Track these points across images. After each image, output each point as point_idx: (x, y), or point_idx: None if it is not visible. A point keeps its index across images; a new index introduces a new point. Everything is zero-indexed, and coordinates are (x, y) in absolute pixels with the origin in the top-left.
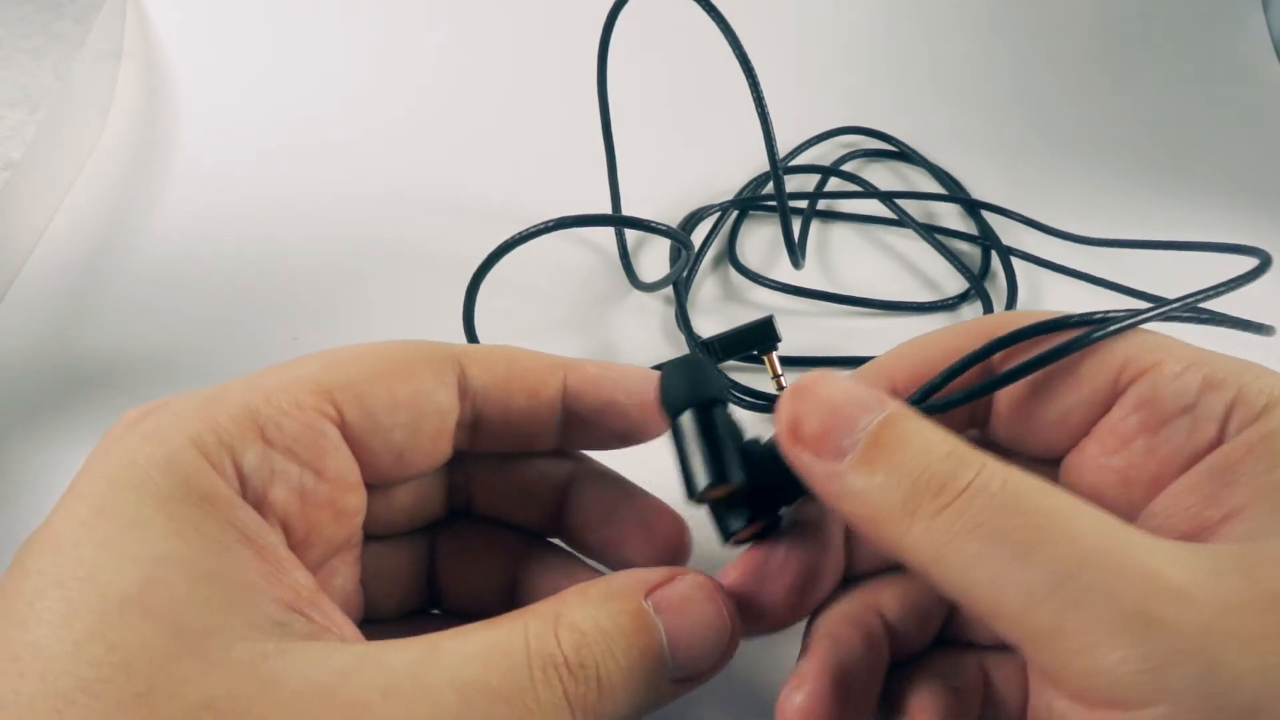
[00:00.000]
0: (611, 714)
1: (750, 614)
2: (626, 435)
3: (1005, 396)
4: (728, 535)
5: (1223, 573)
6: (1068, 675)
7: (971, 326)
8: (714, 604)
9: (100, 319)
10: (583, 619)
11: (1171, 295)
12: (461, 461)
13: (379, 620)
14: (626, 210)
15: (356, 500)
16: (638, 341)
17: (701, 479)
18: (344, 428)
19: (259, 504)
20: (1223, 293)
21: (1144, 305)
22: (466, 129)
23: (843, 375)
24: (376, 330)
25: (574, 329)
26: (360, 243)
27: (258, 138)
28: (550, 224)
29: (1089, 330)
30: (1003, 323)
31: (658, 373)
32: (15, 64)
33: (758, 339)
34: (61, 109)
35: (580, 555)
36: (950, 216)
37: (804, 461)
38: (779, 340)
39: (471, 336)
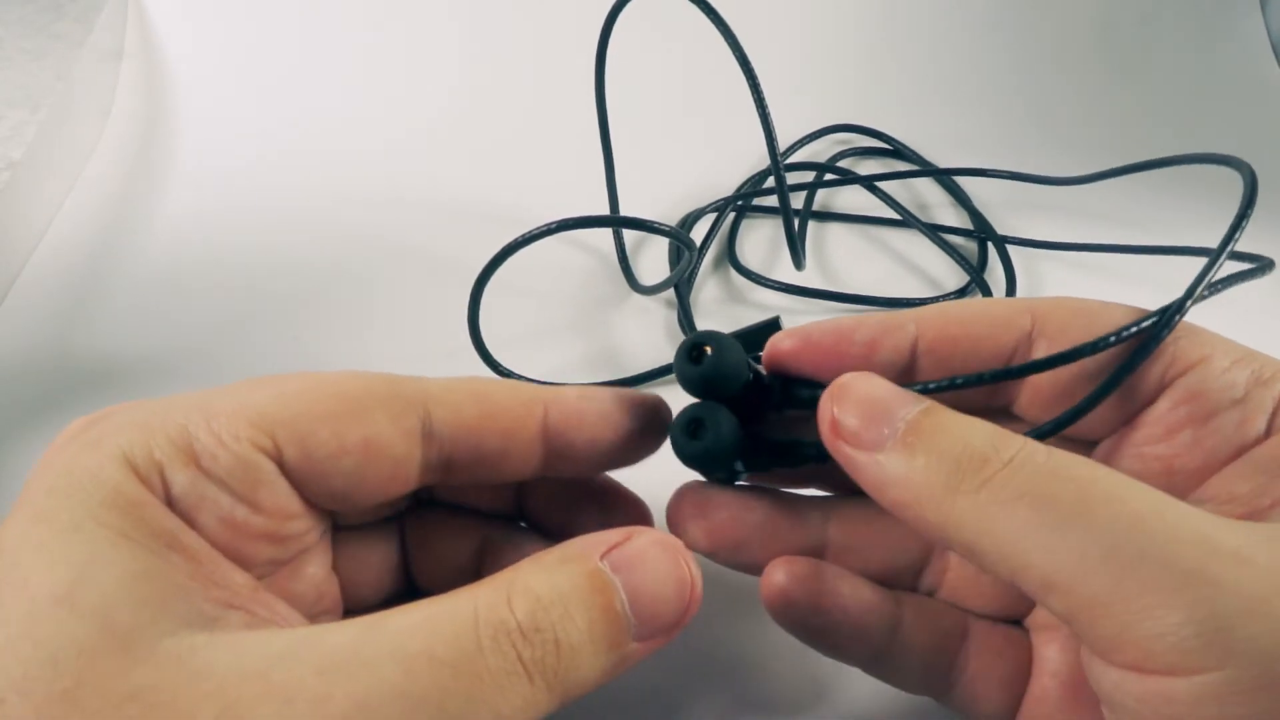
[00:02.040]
0: (577, 678)
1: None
2: (612, 464)
3: (1045, 380)
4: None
5: (1278, 540)
6: (1124, 643)
7: (1017, 302)
8: (671, 558)
9: (101, 320)
10: (537, 584)
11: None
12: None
13: (362, 610)
14: (624, 212)
15: (300, 526)
16: (641, 344)
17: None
18: (282, 465)
19: (187, 524)
20: (1231, 244)
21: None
22: (464, 131)
23: (879, 376)
24: (376, 333)
25: (577, 332)
26: (360, 245)
27: (258, 139)
28: (553, 226)
29: (1123, 364)
30: (1047, 304)
31: (644, 397)
32: (16, 64)
33: (765, 339)
34: (62, 109)
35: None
36: (945, 214)
37: (845, 454)
38: None
39: (477, 340)
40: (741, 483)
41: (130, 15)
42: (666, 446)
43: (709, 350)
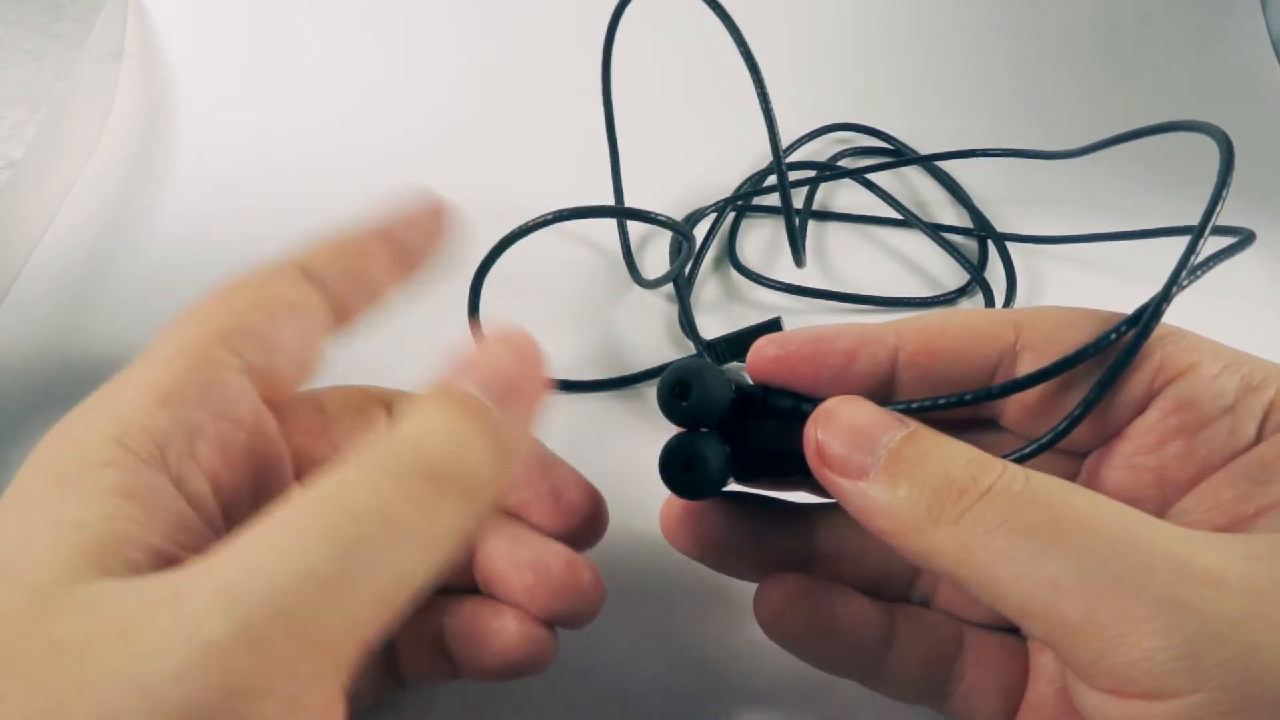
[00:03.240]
0: (477, 479)
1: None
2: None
3: (1031, 393)
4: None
5: (1255, 558)
6: (1102, 668)
7: (1000, 314)
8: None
9: (101, 319)
10: (413, 430)
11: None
12: None
13: None
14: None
15: (271, 425)
16: (641, 340)
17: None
18: (248, 371)
19: (185, 467)
20: (1213, 215)
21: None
22: (466, 132)
23: (864, 399)
24: (377, 331)
25: (577, 326)
26: None
27: (259, 138)
28: (549, 216)
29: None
30: (1031, 315)
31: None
32: (16, 64)
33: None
34: (62, 109)
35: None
36: (944, 213)
37: (831, 481)
38: None
39: (478, 333)
40: (730, 488)
41: (130, 15)
42: (657, 445)
43: (691, 387)
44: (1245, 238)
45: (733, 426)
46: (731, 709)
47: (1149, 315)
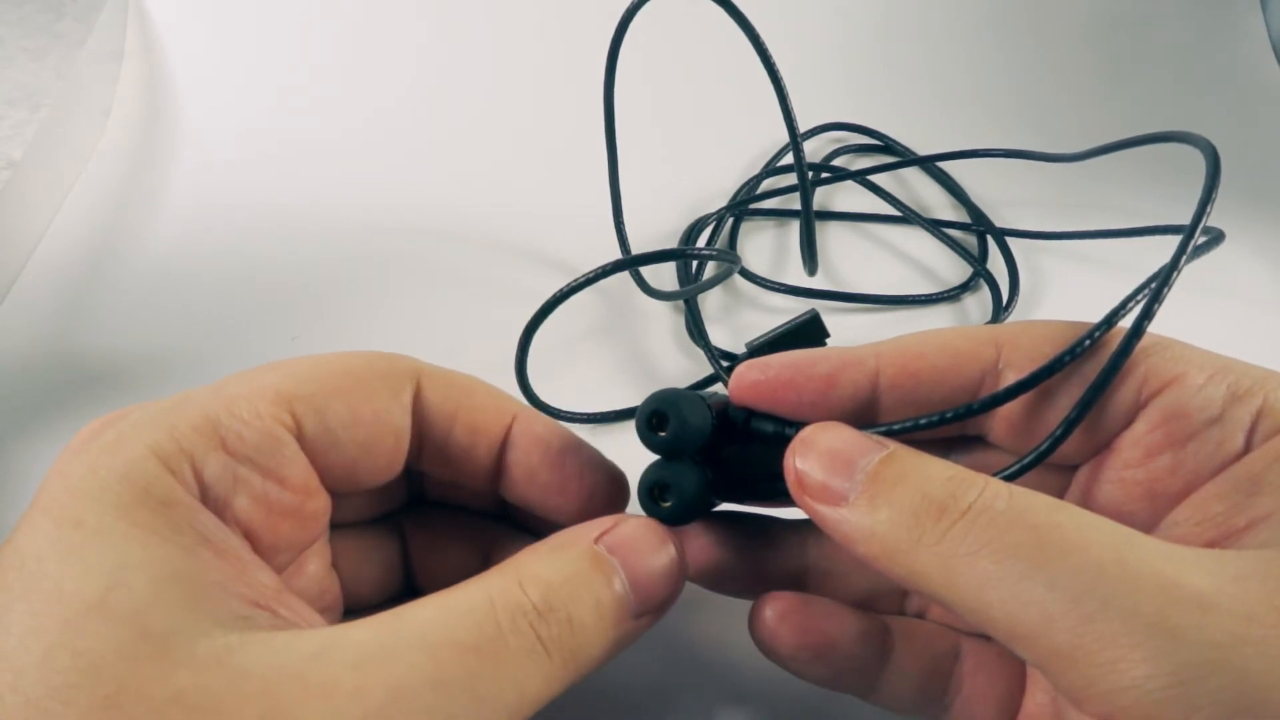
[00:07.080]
0: (588, 654)
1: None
2: (551, 509)
3: (1015, 409)
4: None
5: (1246, 579)
6: (1092, 694)
7: (981, 332)
8: (661, 540)
9: (101, 319)
10: (543, 569)
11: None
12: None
13: (362, 609)
14: (625, 222)
15: (319, 504)
16: (652, 351)
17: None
18: (301, 439)
19: (221, 512)
20: (1201, 222)
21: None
22: (468, 129)
23: (843, 425)
24: (376, 330)
25: (587, 339)
26: (360, 243)
27: (259, 137)
28: (608, 267)
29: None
30: (1012, 331)
31: (604, 463)
32: (17, 63)
33: (806, 336)
34: (63, 108)
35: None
36: (943, 213)
37: (812, 510)
38: (828, 335)
39: (523, 380)
40: (720, 508)
41: (130, 14)
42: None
43: (669, 418)
44: (1214, 237)
45: (716, 451)
46: (731, 711)
47: (1136, 324)
